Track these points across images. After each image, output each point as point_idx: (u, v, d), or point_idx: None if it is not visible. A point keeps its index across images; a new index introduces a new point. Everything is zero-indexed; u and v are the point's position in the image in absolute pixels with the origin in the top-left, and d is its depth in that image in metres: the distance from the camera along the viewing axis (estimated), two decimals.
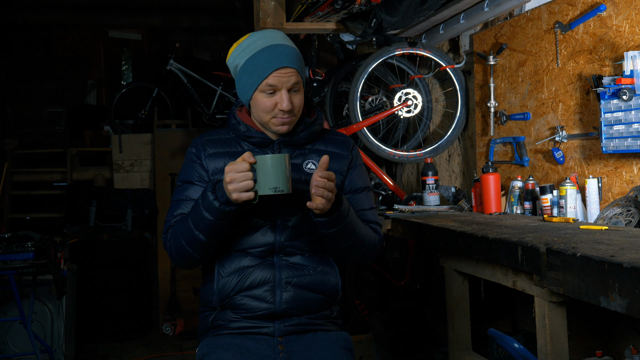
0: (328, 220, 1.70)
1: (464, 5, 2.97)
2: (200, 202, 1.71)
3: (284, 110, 1.77)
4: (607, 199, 2.40)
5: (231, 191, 1.63)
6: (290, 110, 1.79)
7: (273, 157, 1.62)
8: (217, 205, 1.66)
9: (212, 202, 1.67)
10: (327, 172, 1.64)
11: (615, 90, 2.20)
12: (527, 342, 2.62)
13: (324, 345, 1.83)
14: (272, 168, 1.61)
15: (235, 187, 1.62)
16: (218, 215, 1.68)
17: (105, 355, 4.81)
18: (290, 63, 1.77)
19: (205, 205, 1.69)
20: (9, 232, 3.83)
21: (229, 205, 1.66)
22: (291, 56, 1.78)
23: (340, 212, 1.70)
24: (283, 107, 1.76)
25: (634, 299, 1.35)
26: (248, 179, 1.62)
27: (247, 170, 1.62)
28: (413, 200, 3.40)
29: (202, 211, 1.69)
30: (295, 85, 1.79)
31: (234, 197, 1.63)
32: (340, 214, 1.70)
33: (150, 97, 5.85)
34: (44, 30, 7.60)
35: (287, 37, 1.86)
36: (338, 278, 1.91)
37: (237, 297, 1.82)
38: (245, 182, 1.62)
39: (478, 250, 2.10)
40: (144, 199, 5.58)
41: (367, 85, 3.86)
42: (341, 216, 1.71)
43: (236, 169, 1.62)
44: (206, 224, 1.70)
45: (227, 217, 1.70)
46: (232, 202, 1.65)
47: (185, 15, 6.93)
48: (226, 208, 1.67)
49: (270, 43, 1.78)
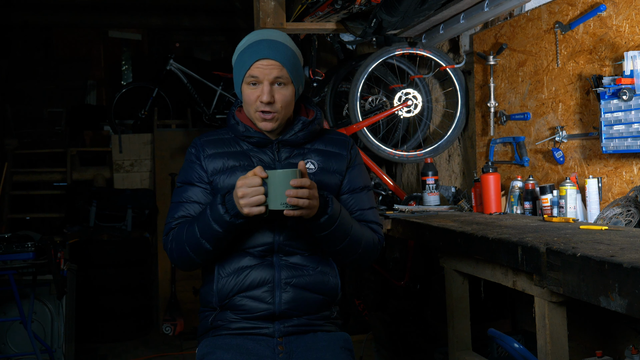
0: (316, 224, 1.71)
1: (464, 5, 2.97)
2: (209, 213, 1.72)
3: (263, 102, 1.77)
4: (607, 199, 2.40)
5: (243, 205, 1.65)
6: (270, 104, 1.78)
7: (285, 173, 1.64)
8: (227, 218, 1.69)
9: (223, 216, 1.69)
10: (301, 179, 1.64)
11: (615, 90, 2.20)
12: (527, 342, 2.62)
13: (324, 346, 1.83)
14: (284, 183, 1.63)
15: (247, 202, 1.64)
16: (227, 227, 1.70)
17: (105, 355, 4.81)
18: (273, 56, 1.77)
19: (214, 217, 1.70)
20: (9, 232, 3.84)
21: (239, 218, 1.69)
22: (276, 50, 1.78)
23: (329, 216, 1.71)
24: (262, 99, 1.76)
25: (634, 299, 1.35)
26: (260, 194, 1.64)
27: (259, 185, 1.63)
28: (413, 200, 3.40)
29: (211, 222, 1.71)
30: (277, 79, 1.78)
31: (246, 211, 1.65)
32: (329, 218, 1.71)
33: (150, 97, 5.85)
34: (44, 30, 7.60)
35: (286, 36, 1.86)
36: (337, 278, 1.91)
37: (237, 297, 1.82)
38: (257, 197, 1.64)
39: (478, 250, 2.10)
40: (144, 199, 5.58)
41: (367, 85, 3.86)
42: (330, 219, 1.72)
43: (248, 184, 1.64)
44: (214, 235, 1.72)
45: (236, 229, 1.73)
46: (242, 216, 1.67)
47: (185, 15, 6.93)
48: (236, 221, 1.69)
49: (260, 38, 1.81)
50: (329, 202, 1.72)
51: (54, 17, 6.65)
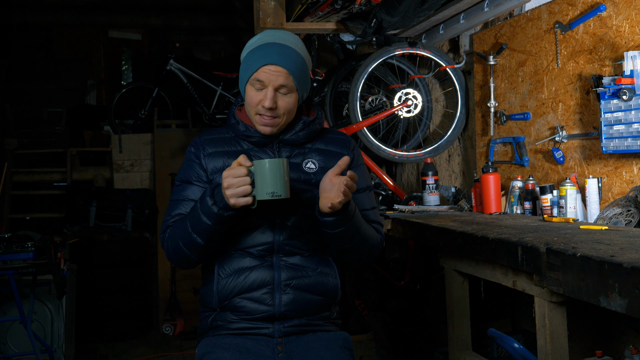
0: (336, 219, 1.69)
1: (464, 5, 2.97)
2: (199, 206, 1.70)
3: (265, 107, 1.76)
4: (607, 199, 2.40)
5: (229, 196, 1.63)
6: (272, 109, 1.77)
7: (271, 162, 1.62)
8: (215, 210, 1.67)
9: (211, 207, 1.67)
10: (350, 172, 1.64)
11: (615, 90, 2.20)
12: (527, 342, 2.62)
13: (324, 345, 1.83)
14: (270, 172, 1.61)
15: (232, 193, 1.62)
16: (216, 220, 1.68)
17: (105, 355, 4.81)
18: (282, 63, 1.75)
19: (203, 209, 1.69)
20: (9, 232, 3.83)
21: (228, 210, 1.66)
22: (286, 56, 1.76)
23: (348, 212, 1.70)
24: (264, 104, 1.76)
25: (634, 299, 1.35)
26: (246, 184, 1.62)
27: (244, 175, 1.62)
28: (413, 200, 3.40)
29: (201, 215, 1.69)
30: (282, 88, 1.77)
31: (232, 202, 1.63)
32: (347, 213, 1.70)
33: (150, 97, 5.85)
34: (44, 30, 7.59)
35: (298, 41, 1.83)
36: (337, 279, 1.91)
37: (237, 299, 1.81)
38: (242, 187, 1.62)
39: (478, 250, 2.10)
40: (144, 199, 5.58)
41: (367, 85, 3.86)
42: (348, 215, 1.70)
43: (234, 174, 1.62)
44: (204, 228, 1.71)
45: (226, 222, 1.70)
46: (230, 207, 1.65)
47: (185, 15, 6.92)
48: (225, 213, 1.67)
49: (271, 41, 1.78)
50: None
51: (54, 17, 6.64)
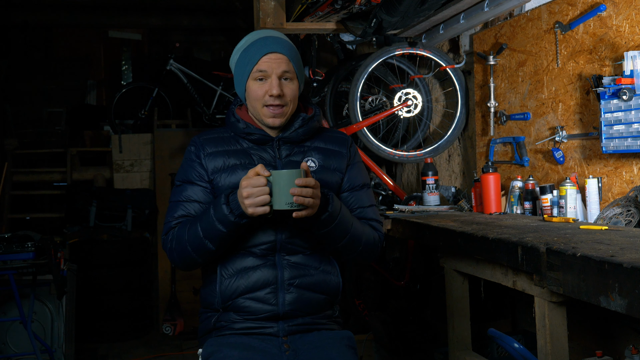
0: (317, 222, 1.72)
1: (464, 5, 2.97)
2: (213, 213, 1.72)
3: (273, 96, 1.78)
4: (607, 199, 2.40)
5: (248, 205, 1.65)
6: (280, 97, 1.80)
7: (289, 173, 1.64)
8: (232, 219, 1.69)
9: (227, 216, 1.69)
10: (306, 179, 1.65)
11: (615, 90, 2.20)
12: (527, 342, 2.62)
13: (329, 343, 1.83)
14: (289, 183, 1.63)
15: (252, 202, 1.65)
16: (232, 227, 1.71)
17: (105, 355, 4.81)
18: (281, 49, 1.81)
19: (218, 217, 1.70)
20: (9, 232, 3.83)
21: (244, 218, 1.69)
22: (282, 44, 1.82)
23: (330, 213, 1.72)
24: (272, 92, 1.78)
25: (634, 299, 1.35)
26: (265, 194, 1.65)
27: (263, 185, 1.64)
28: (413, 200, 3.40)
29: (215, 222, 1.71)
30: (285, 73, 1.81)
31: (250, 211, 1.66)
32: (329, 215, 1.72)
33: (150, 97, 5.85)
34: (44, 30, 7.59)
35: (283, 35, 1.90)
36: (339, 277, 1.92)
37: (240, 299, 1.81)
38: (261, 197, 1.64)
39: (478, 250, 2.10)
40: (144, 199, 5.58)
41: (367, 85, 3.86)
42: (331, 217, 1.72)
43: (253, 184, 1.64)
44: (217, 235, 1.73)
45: (240, 229, 1.73)
46: (246, 216, 1.68)
47: (185, 15, 6.93)
48: (241, 221, 1.70)
49: (264, 35, 1.84)
50: (330, 199, 1.73)
51: (54, 17, 6.65)
